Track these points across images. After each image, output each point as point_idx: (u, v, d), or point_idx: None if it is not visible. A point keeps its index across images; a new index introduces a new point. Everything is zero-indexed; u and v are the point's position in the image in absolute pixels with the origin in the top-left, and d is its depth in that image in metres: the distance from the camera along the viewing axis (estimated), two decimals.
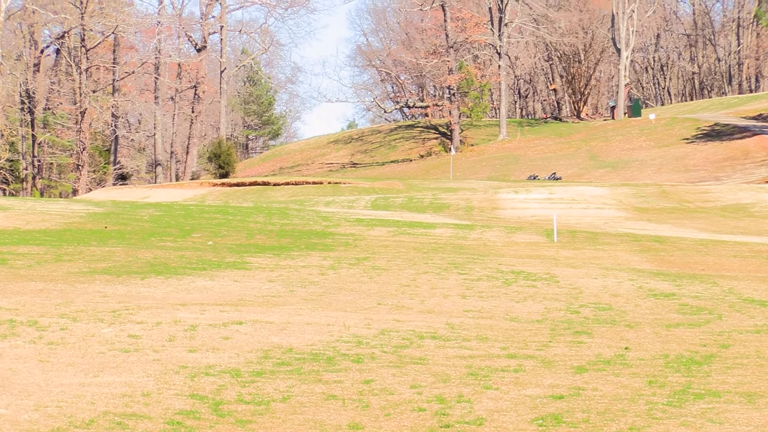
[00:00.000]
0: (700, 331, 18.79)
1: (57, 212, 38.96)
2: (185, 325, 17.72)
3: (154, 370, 14.50)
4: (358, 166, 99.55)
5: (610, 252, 32.23)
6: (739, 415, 12.88)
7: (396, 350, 16.24)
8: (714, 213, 53.68)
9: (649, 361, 15.90)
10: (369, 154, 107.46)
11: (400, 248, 31.10)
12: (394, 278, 24.62)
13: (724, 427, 12.38)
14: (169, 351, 15.57)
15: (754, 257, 31.85)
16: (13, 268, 24.09)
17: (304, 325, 18.17)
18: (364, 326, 18.28)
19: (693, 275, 26.81)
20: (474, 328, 18.39)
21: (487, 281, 24.37)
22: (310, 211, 44.43)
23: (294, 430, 11.89)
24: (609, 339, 17.78)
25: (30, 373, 14.18)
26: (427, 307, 21.14)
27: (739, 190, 63.37)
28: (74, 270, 24.39)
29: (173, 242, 30.93)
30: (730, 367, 15.44)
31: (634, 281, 25.12)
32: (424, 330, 18.13)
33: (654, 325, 19.45)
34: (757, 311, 20.98)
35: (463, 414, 12.52)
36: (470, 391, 13.63)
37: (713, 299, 22.49)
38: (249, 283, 23.71)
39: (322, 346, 16.21)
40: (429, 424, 12.05)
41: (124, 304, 19.63)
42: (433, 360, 15.56)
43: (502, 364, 15.31)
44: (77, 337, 16.42)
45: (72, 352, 15.47)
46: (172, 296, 21.32)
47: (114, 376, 14.03)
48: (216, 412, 12.37)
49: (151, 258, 27.13)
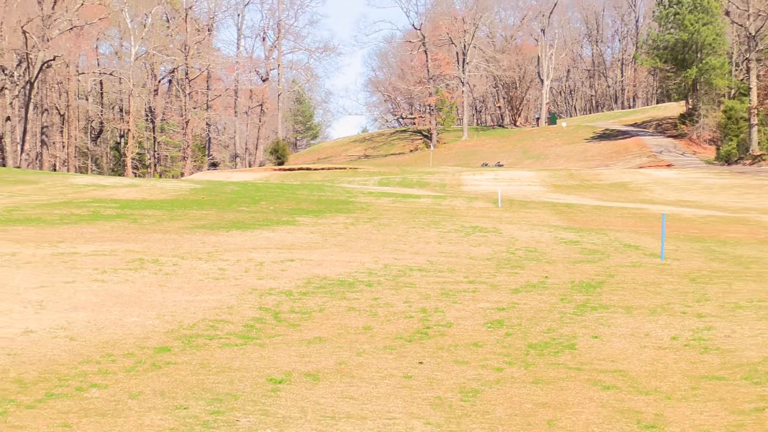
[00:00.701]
0: (595, 265, 19.69)
1: (170, 188, 38.92)
2: (255, 261, 18.68)
3: (235, 291, 15.53)
4: (369, 157, 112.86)
5: (535, 214, 31.42)
6: (621, 321, 13.61)
7: (394, 278, 17.01)
8: (604, 188, 52.74)
9: (561, 285, 16.68)
10: (376, 150, 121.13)
11: (397, 212, 30.68)
12: (392, 231, 25.22)
13: (611, 329, 13.10)
14: (245, 279, 16.56)
15: (631, 217, 31.20)
16: (142, 225, 25.21)
17: (334, 262, 19.01)
18: (373, 263, 18.89)
19: (590, 229, 28.58)
20: (446, 264, 19.00)
21: (454, 233, 24.80)
22: (338, 187, 43.72)
23: (327, 330, 12.62)
24: (535, 271, 18.50)
25: (153, 293, 15.13)
26: (414, 250, 21.43)
27: (621, 173, 66.26)
28: (182, 226, 25.40)
29: (247, 207, 30.21)
30: (615, 290, 16.50)
31: (552, 233, 26.15)
32: (413, 265, 18.80)
33: (564, 261, 20.24)
34: (633, 252, 21.48)
35: (438, 320, 13.41)
36: (443, 304, 14.60)
37: (603, 245, 23.42)
38: (297, 234, 24.44)
39: (345, 276, 17.05)
40: (416, 326, 12.96)
41: (215, 248, 20.49)
42: (419, 284, 16.48)
43: (464, 287, 16.17)
44: (184, 269, 17.28)
45: (180, 279, 16.50)
46: (247, 243, 21.76)
47: (208, 296, 14.86)
48: (276, 319, 13.35)
49: (232, 218, 28.36)
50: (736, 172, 62.01)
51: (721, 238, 26.09)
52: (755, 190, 50.31)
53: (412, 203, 35.43)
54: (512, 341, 12.81)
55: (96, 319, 13.52)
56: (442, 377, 10.99)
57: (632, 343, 12.81)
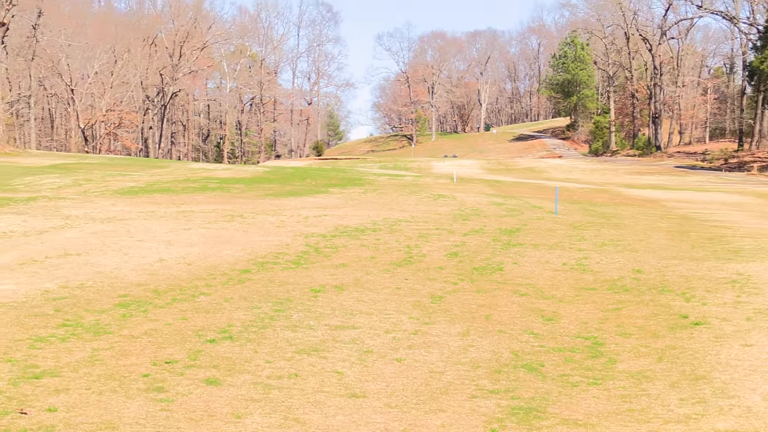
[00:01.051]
0: (514, 218, 20.41)
1: (250, 170, 40.27)
2: (303, 216, 19.57)
3: (290, 235, 16.52)
4: (373, 152, 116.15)
5: (476, 186, 33.49)
6: (531, 253, 14.90)
7: (390, 226, 17.85)
8: (519, 171, 57.96)
9: (492, 231, 17.65)
10: (378, 147, 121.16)
11: (391, 185, 31.73)
12: (388, 197, 25.88)
13: (524, 258, 14.30)
14: (296, 227, 17.50)
15: (536, 189, 32.51)
16: (232, 194, 25.47)
17: (352, 216, 19.88)
18: (375, 217, 19.92)
19: (511, 196, 28.15)
20: (422, 218, 19.74)
21: (426, 198, 25.64)
22: (354, 170, 44.63)
23: (347, 259, 13.67)
24: (476, 222, 19.48)
25: (239, 236, 16.04)
26: (402, 209, 22.50)
27: (530, 162, 70.64)
28: (257, 194, 25.63)
29: (298, 182, 31.90)
30: (526, 234, 17.52)
31: (487, 198, 26.49)
32: (400, 218, 19.67)
33: (494, 216, 20.79)
34: (537, 210, 22.11)
35: (416, 252, 14.39)
36: (420, 242, 15.64)
37: (519, 206, 23.94)
38: (329, 199, 25.02)
39: (358, 225, 17.95)
40: (403, 256, 13.97)
41: (278, 208, 21.22)
42: (405, 230, 17.31)
43: (433, 232, 17.19)
44: (258, 221, 18.15)
45: (256, 227, 17.29)
46: (298, 205, 22.75)
47: (274, 237, 15.82)
48: (316, 252, 14.36)
49: (289, 189, 28.23)
50: (602, 161, 68.22)
51: (592, 202, 27.10)
52: (613, 171, 56.23)
53: (400, 180, 34.56)
54: (463, 266, 13.38)
55: (204, 252, 14.28)
56: (419, 288, 11.47)
57: (538, 267, 13.43)
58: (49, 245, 14.31)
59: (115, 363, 7.59)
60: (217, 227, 17.52)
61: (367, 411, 6.35)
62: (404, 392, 6.94)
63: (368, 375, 7.46)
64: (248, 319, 9.42)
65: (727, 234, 17.93)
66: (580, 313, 10.24)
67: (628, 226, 19.77)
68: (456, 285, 11.79)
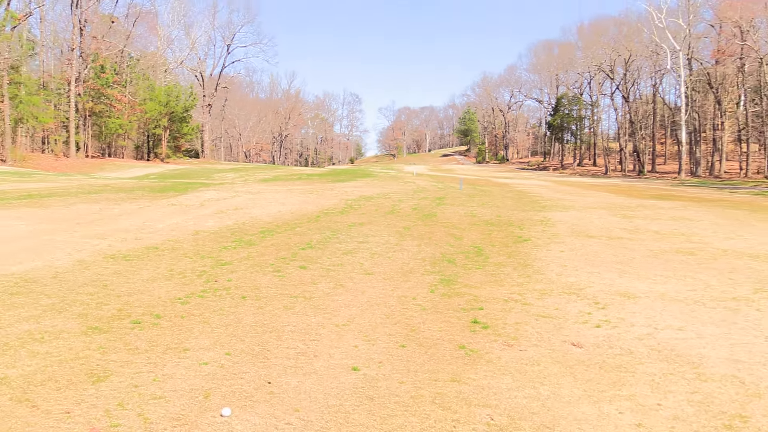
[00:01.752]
0: (442, 192, 22.82)
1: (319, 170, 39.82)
2: (344, 191, 21.80)
3: (338, 199, 18.81)
4: (378, 162, 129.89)
5: (424, 179, 35.35)
6: (450, 208, 17.26)
7: (384, 196, 20.65)
8: (444, 170, 65.38)
9: (431, 197, 20.32)
10: (380, 160, 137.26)
11: (387, 177, 34.14)
12: (385, 183, 28.26)
13: (448, 209, 16.59)
14: (340, 196, 19.81)
15: (451, 179, 37.47)
16: (311, 180, 28.70)
17: (369, 191, 22.18)
18: (378, 191, 22.43)
19: (440, 181, 30.63)
20: (400, 193, 22.43)
21: (402, 183, 28.13)
22: (368, 170, 48.24)
23: (365, 211, 15.82)
24: (424, 194, 22.08)
25: (313, 200, 18.34)
26: (390, 188, 24.90)
27: (449, 166, 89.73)
28: (324, 181, 27.69)
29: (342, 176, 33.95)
30: (448, 199, 19.87)
31: (428, 183, 28.39)
32: (390, 192, 22.29)
33: (432, 190, 23.44)
34: (452, 188, 25.65)
35: (396, 207, 16.92)
36: (398, 203, 18.10)
37: (444, 186, 26.30)
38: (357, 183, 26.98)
39: (370, 195, 20.51)
40: (390, 209, 16.61)
41: (333, 187, 23.79)
42: (391, 197, 20.06)
43: (404, 198, 19.94)
44: (324, 194, 20.37)
45: (322, 197, 19.24)
46: (342, 186, 24.84)
47: (329, 201, 18.04)
48: (350, 207, 16.70)
49: (337, 179, 30.07)
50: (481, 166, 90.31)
51: (476, 184, 30.14)
52: (487, 170, 67.39)
53: (389, 175, 39.61)
54: (417, 214, 15.52)
55: (298, 207, 16.04)
56: (398, 224, 13.68)
57: (455, 214, 15.73)
58: (228, 204, 16.78)
59: (257, 258, 9.69)
60: (304, 196, 19.04)
61: (374, 280, 8.41)
62: (391, 271, 8.94)
63: (374, 264, 9.51)
64: (320, 238, 11.34)
65: (538, 199, 21.53)
66: (472, 235, 12.39)
67: (493, 195, 22.47)
68: (415, 223, 13.91)
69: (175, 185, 23.06)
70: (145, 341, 4.74)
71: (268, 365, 4.24)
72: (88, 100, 47.24)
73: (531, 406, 3.52)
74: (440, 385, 3.82)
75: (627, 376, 4.06)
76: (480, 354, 4.57)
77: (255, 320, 5.65)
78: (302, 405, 3.52)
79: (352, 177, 34.67)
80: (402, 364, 4.21)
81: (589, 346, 4.83)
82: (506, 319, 5.89)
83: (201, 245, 10.82)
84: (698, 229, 12.98)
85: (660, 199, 22.37)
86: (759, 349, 4.70)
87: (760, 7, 36.93)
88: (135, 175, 37.75)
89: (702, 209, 17.62)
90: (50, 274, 7.46)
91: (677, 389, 3.84)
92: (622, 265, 9.29)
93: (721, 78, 45.48)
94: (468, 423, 3.29)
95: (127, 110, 50.41)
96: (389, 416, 3.37)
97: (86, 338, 4.69)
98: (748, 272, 8.55)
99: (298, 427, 3.23)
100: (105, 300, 6.24)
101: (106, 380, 3.85)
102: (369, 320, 5.70)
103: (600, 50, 64.12)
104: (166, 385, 3.80)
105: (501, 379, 4.00)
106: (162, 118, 55.42)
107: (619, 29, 62.28)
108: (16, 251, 8.62)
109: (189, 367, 4.14)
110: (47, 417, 3.22)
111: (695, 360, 4.42)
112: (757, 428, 3.27)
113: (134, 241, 10.78)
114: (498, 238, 12.19)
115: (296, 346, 4.74)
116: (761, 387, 3.90)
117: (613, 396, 3.70)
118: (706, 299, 6.90)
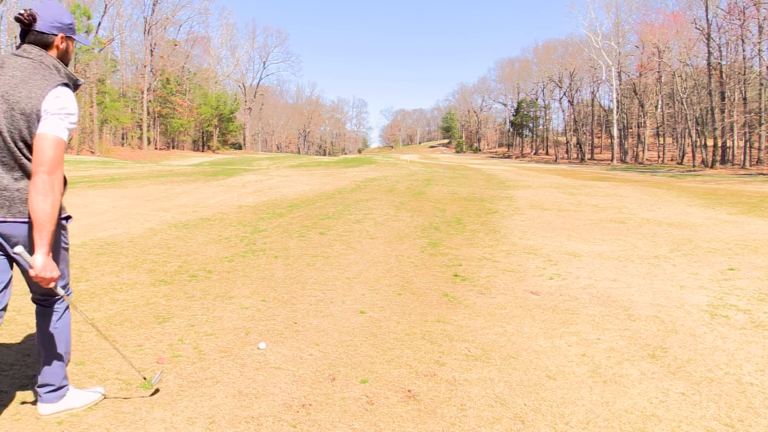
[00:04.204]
0: (430, 175, 21.86)
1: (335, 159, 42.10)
2: (353, 174, 20.99)
3: (350, 180, 17.97)
4: (380, 152, 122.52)
5: (415, 164, 34.35)
6: (436, 186, 16.25)
7: (384, 178, 19.75)
8: (431, 158, 63.56)
9: (421, 179, 19.07)
10: (381, 151, 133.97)
11: (387, 164, 32.98)
12: (386, 169, 26.78)
13: (434, 188, 15.47)
14: (352, 178, 18.59)
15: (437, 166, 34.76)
16: (328, 166, 27.45)
17: (373, 174, 21.48)
18: (380, 175, 21.48)
19: (428, 167, 30.06)
20: (396, 176, 21.01)
21: (397, 169, 26.71)
22: (373, 158, 45.84)
23: (370, 189, 14.93)
24: (416, 176, 20.76)
25: (330, 181, 17.13)
26: (389, 173, 23.52)
27: (435, 155, 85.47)
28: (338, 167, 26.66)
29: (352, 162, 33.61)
30: (434, 180, 18.90)
31: (424, 171, 26.64)
32: (389, 175, 21.21)
33: (422, 173, 22.41)
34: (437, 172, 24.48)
35: (394, 187, 15.98)
36: (395, 184, 17.16)
37: (431, 171, 25.11)
38: (363, 167, 26.04)
39: (374, 177, 19.77)
40: (389, 188, 15.72)
41: (345, 172, 22.35)
42: (390, 179, 18.98)
43: (400, 180, 18.86)
44: (338, 176, 19.56)
45: (337, 179, 18.20)
46: (354, 171, 23.52)
47: (342, 182, 16.77)
48: (358, 187, 15.60)
49: (348, 164, 29.72)
50: (460, 155, 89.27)
51: (457, 169, 29.53)
52: (465, 158, 65.78)
53: (388, 161, 38.44)
54: (410, 192, 14.97)
55: (318, 187, 14.83)
56: (395, 200, 13.27)
57: (440, 192, 15.09)
58: (264, 185, 16.06)
59: (286, 226, 9.46)
60: (322, 179, 18.48)
61: (377, 243, 8.32)
62: (390, 236, 8.88)
63: (377, 231, 9.32)
64: (334, 211, 10.99)
65: (504, 180, 20.98)
66: (453, 208, 11.75)
67: (469, 177, 22.11)
68: (408, 199, 13.55)
69: (223, 170, 21.76)
70: (199, 291, 4.67)
71: (294, 309, 4.12)
72: (156, 105, 47.11)
73: (499, 340, 3.52)
74: (429, 324, 3.76)
75: (573, 317, 4.02)
76: (459, 300, 4.46)
77: (284, 274, 5.50)
78: (321, 340, 3.49)
79: (359, 164, 34.38)
80: (398, 308, 4.10)
81: (544, 294, 4.77)
82: (480, 273, 5.76)
83: (243, 216, 10.58)
84: (627, 203, 12.60)
85: (597, 180, 22.31)
86: (675, 296, 4.69)
87: (672, 32, 37.80)
88: (192, 163, 37.88)
89: (630, 188, 17.22)
90: (127, 238, 7.41)
91: (612, 327, 3.82)
92: (569, 231, 9.17)
93: (643, 87, 45.83)
94: (450, 354, 3.27)
95: (187, 113, 50.21)
96: (389, 348, 3.35)
97: (154, 288, 4.67)
98: (666, 236, 8.42)
99: (318, 357, 3.20)
100: (169, 259, 6.16)
101: (169, 321, 3.84)
102: (373, 274, 5.53)
103: (551, 65, 65.50)
104: (216, 325, 3.76)
105: (476, 320, 3.92)
106: (213, 118, 55.36)
107: (565, 49, 62.90)
108: (102, 221, 8.65)
109: (233, 310, 4.07)
110: (125, 349, 3.26)
111: (626, 304, 4.38)
112: (674, 356, 3.28)
113: (191, 213, 10.64)
114: (473, 211, 11.56)
115: (316, 294, 4.62)
116: (677, 325, 3.90)
117: (563, 333, 3.70)
118: (634, 257, 6.88)
